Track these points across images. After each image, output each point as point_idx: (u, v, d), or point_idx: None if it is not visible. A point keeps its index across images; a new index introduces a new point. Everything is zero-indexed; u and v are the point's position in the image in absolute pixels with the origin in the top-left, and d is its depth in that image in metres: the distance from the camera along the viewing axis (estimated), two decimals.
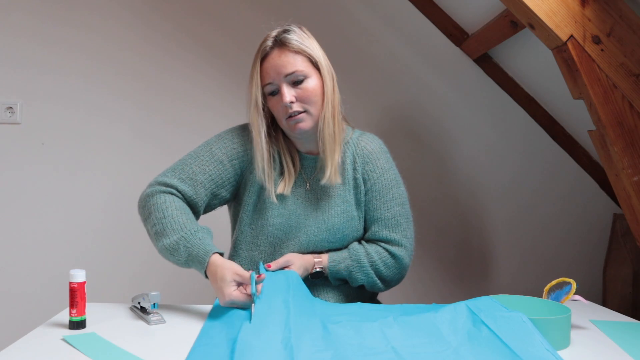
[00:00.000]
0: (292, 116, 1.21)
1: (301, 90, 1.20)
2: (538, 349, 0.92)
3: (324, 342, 0.94)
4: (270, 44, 1.22)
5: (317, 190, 1.29)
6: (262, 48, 1.23)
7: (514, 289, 2.11)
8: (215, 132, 2.04)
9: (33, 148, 2.06)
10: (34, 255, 2.06)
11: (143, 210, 1.27)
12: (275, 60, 1.20)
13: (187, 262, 1.15)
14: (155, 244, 1.21)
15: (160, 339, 1.00)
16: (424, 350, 0.93)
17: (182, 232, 1.17)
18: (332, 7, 2.07)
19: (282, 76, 1.20)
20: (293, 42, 1.21)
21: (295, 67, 1.20)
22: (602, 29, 1.28)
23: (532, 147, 2.14)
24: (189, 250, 1.15)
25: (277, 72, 1.20)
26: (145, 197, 1.27)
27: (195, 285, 2.08)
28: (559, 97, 1.93)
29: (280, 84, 1.20)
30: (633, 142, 1.31)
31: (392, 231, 1.29)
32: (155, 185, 1.27)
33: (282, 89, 1.20)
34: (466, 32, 2.05)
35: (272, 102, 1.23)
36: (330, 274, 1.28)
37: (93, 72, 2.05)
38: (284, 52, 1.21)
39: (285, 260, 1.24)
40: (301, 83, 1.20)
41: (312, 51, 1.22)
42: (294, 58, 1.20)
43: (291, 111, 1.20)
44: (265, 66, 1.21)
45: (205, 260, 1.13)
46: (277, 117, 1.24)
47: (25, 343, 0.96)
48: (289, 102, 1.19)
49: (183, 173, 1.28)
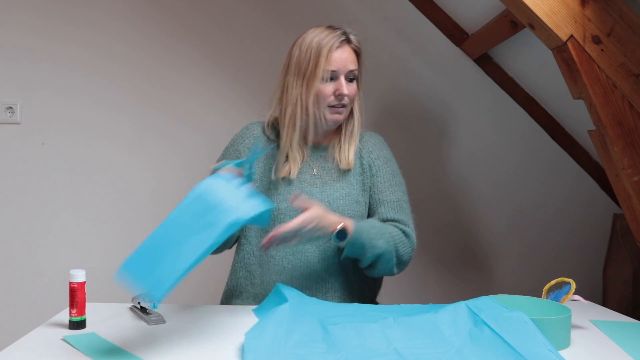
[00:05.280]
0: (336, 106, 1.30)
1: (352, 87, 1.32)
2: (540, 348, 0.92)
3: (325, 343, 0.94)
4: (344, 38, 1.31)
5: (323, 176, 1.35)
6: (335, 39, 1.30)
7: (514, 289, 2.11)
8: (217, 130, 2.06)
9: (33, 148, 2.06)
10: (34, 255, 2.06)
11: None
12: (345, 54, 1.30)
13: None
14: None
15: (160, 339, 1.00)
16: (427, 351, 0.92)
17: None
18: (332, 7, 2.07)
19: (347, 70, 1.30)
20: (358, 44, 1.34)
21: (355, 66, 1.33)
22: (602, 29, 1.28)
23: (532, 147, 2.14)
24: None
25: (344, 64, 1.30)
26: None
27: (196, 285, 2.08)
28: (559, 97, 1.93)
29: (340, 76, 1.30)
30: (633, 142, 1.31)
31: (398, 213, 1.33)
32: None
33: (341, 81, 1.30)
34: (466, 32, 2.05)
35: (323, 87, 1.29)
36: (353, 239, 1.22)
37: (93, 72, 2.05)
38: (351, 50, 1.32)
39: (311, 203, 1.19)
40: (352, 81, 1.32)
41: (363, 59, 1.36)
42: (356, 58, 1.33)
43: (342, 102, 1.31)
44: (335, 55, 1.29)
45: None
46: (319, 100, 1.30)
47: (25, 343, 0.96)
48: (346, 94, 1.29)
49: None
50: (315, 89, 1.29)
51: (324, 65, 1.28)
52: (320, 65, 1.28)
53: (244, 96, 2.07)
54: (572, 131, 2.08)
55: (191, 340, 0.99)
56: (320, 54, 1.28)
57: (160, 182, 2.07)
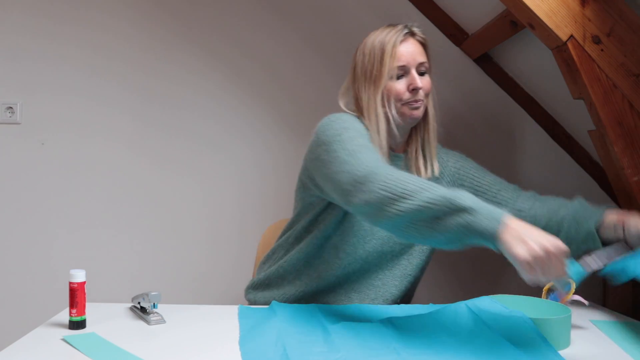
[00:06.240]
0: (411, 102, 1.26)
1: (425, 80, 1.28)
2: (540, 349, 0.92)
3: (326, 344, 0.94)
4: (407, 31, 1.26)
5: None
6: (397, 33, 1.25)
7: (514, 289, 2.11)
8: (219, 130, 2.06)
9: (33, 148, 2.06)
10: (34, 255, 2.06)
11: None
12: (412, 47, 1.26)
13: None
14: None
15: (160, 339, 1.00)
16: (427, 351, 0.92)
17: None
18: (332, 7, 2.07)
19: (416, 63, 1.26)
20: (422, 35, 1.29)
21: (425, 58, 1.28)
22: (602, 29, 1.28)
23: (532, 147, 2.14)
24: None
25: (413, 58, 1.25)
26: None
27: (196, 285, 2.08)
28: (559, 97, 1.93)
29: (411, 69, 1.25)
30: (633, 142, 1.31)
31: (513, 190, 1.38)
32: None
33: (413, 74, 1.25)
34: (466, 32, 2.05)
35: (394, 84, 1.25)
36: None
37: (94, 72, 2.05)
38: (417, 42, 1.27)
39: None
40: (423, 75, 1.28)
41: (430, 51, 1.30)
42: (423, 50, 1.28)
43: (417, 97, 1.25)
44: (401, 50, 1.24)
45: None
46: (394, 99, 1.26)
47: (25, 343, 0.96)
48: (420, 88, 1.25)
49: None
50: (384, 89, 1.24)
51: (390, 62, 1.23)
52: (386, 62, 1.23)
53: (248, 92, 2.07)
54: (572, 131, 2.08)
55: (191, 340, 0.99)
56: (385, 51, 1.23)
57: (160, 182, 2.07)
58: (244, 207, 2.06)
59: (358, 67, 1.29)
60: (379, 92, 1.24)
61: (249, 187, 2.07)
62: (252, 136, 2.07)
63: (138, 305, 1.15)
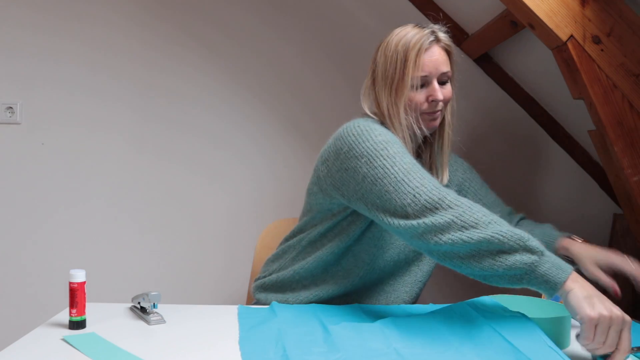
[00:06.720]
0: (430, 113, 1.23)
1: (446, 90, 1.24)
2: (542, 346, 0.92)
3: (326, 344, 0.94)
4: (433, 38, 1.21)
5: None
6: (422, 40, 1.20)
7: (514, 289, 2.11)
8: (222, 130, 2.06)
9: (33, 148, 2.06)
10: (34, 255, 2.06)
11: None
12: (435, 55, 1.21)
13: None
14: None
15: (160, 339, 1.00)
16: (426, 351, 0.92)
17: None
18: (332, 7, 2.07)
19: (439, 73, 1.21)
20: (448, 42, 1.24)
21: (448, 67, 1.23)
22: (602, 29, 1.28)
23: (532, 147, 2.14)
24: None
25: (436, 67, 1.21)
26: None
27: (196, 285, 2.08)
28: (559, 97, 1.93)
29: (432, 80, 1.21)
30: (633, 142, 1.31)
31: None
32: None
33: (434, 85, 1.21)
34: (466, 32, 2.05)
35: (415, 95, 1.21)
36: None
37: (94, 72, 2.05)
38: (442, 50, 1.23)
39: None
40: (444, 84, 1.24)
41: (454, 57, 1.26)
42: (447, 58, 1.24)
43: (436, 108, 1.22)
44: (424, 59, 1.20)
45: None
46: (413, 108, 1.22)
47: (25, 343, 0.96)
48: (440, 100, 1.21)
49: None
50: (405, 98, 1.20)
51: (413, 71, 1.18)
52: (408, 72, 1.18)
53: (251, 90, 2.07)
54: (572, 131, 2.08)
55: (191, 340, 0.99)
56: (408, 59, 1.18)
57: (161, 182, 2.07)
58: (244, 207, 2.07)
59: (379, 69, 1.24)
60: (401, 102, 1.20)
61: (249, 187, 2.07)
62: (253, 135, 2.07)
63: (138, 305, 1.15)
